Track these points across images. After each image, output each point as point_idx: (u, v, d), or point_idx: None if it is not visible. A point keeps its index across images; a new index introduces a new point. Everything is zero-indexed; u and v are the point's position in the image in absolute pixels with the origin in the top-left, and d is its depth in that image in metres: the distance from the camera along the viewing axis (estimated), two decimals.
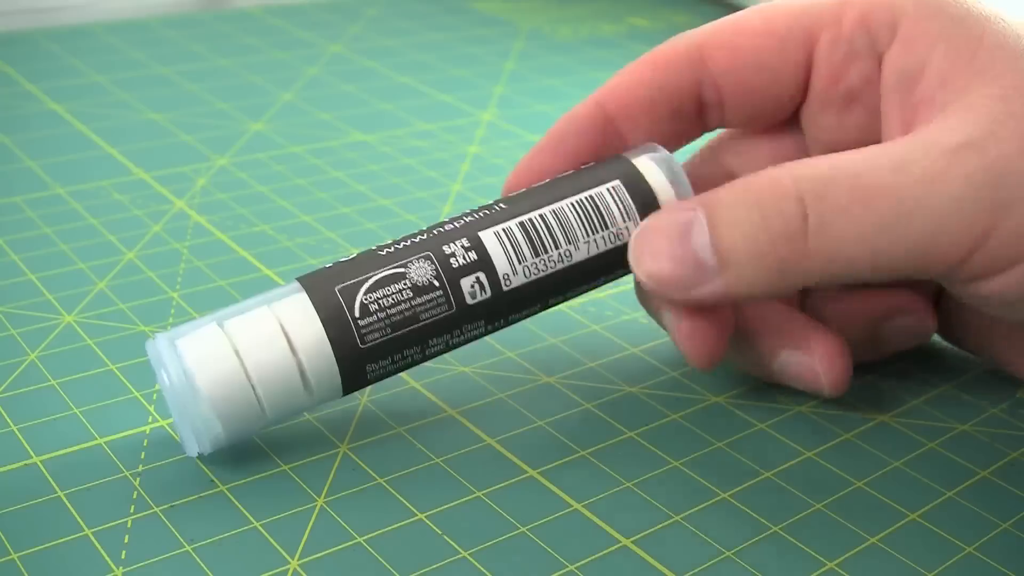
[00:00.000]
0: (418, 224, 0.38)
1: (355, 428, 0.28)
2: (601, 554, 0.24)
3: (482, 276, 0.26)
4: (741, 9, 0.31)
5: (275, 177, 0.41)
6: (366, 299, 0.25)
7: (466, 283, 0.26)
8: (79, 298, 0.32)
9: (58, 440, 0.27)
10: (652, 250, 0.26)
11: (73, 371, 0.29)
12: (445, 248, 0.26)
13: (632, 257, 0.26)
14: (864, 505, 0.26)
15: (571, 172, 0.28)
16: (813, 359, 0.28)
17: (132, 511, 0.25)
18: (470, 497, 0.26)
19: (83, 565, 0.23)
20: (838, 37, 0.27)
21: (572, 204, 0.27)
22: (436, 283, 0.26)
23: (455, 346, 0.27)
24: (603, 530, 0.25)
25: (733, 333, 0.29)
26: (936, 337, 0.32)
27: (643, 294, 0.30)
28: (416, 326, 0.26)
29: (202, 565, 0.23)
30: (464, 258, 0.26)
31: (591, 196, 0.27)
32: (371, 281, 0.25)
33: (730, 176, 0.30)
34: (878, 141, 0.28)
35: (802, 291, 0.30)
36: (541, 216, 0.27)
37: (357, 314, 0.25)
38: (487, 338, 0.32)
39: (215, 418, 0.25)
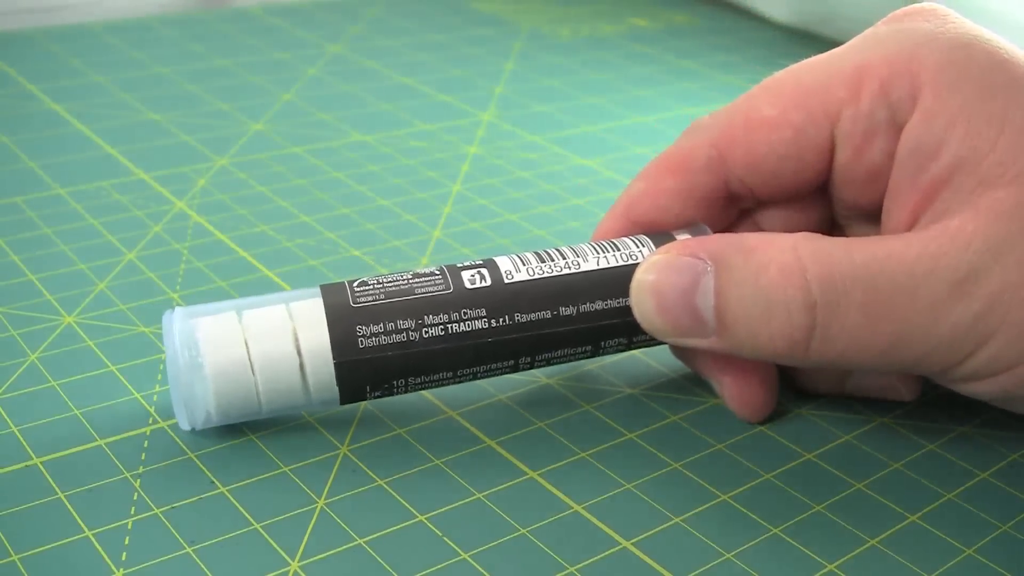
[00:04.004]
0: (417, 224, 0.38)
1: (355, 430, 0.28)
2: (601, 556, 0.24)
3: (484, 271, 0.27)
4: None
5: (275, 177, 0.41)
6: (367, 278, 0.27)
7: (467, 273, 0.27)
8: (79, 299, 0.32)
9: (58, 441, 0.27)
10: (654, 292, 0.26)
11: (73, 372, 0.29)
12: (456, 263, 0.27)
13: (633, 294, 0.26)
14: (864, 507, 0.26)
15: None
16: (891, 375, 0.29)
17: (133, 512, 0.25)
18: (470, 499, 0.26)
19: (84, 566, 0.23)
20: (857, 114, 0.26)
21: (589, 243, 0.28)
22: (436, 272, 0.27)
23: (456, 337, 0.26)
24: (603, 532, 0.25)
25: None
26: None
27: (681, 354, 0.30)
28: (410, 297, 0.26)
29: (202, 566, 0.23)
30: (471, 262, 0.27)
31: (612, 241, 0.28)
32: (379, 274, 0.26)
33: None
34: None
35: None
36: (557, 248, 0.28)
37: (356, 286, 0.26)
38: None
39: (212, 399, 0.26)
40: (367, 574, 0.23)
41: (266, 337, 0.26)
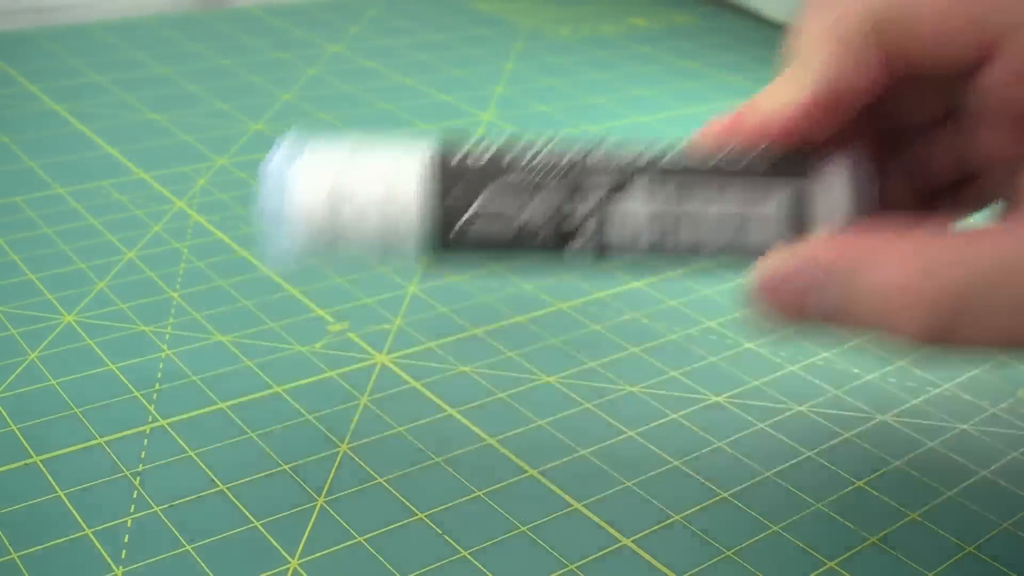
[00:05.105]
0: None
1: (355, 428, 0.28)
2: (601, 553, 0.24)
3: (589, 245, 0.25)
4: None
5: None
6: (478, 209, 0.25)
7: (572, 245, 0.25)
8: (79, 298, 0.32)
9: (58, 440, 0.27)
10: (770, 287, 0.24)
11: (73, 371, 0.29)
12: (577, 195, 0.25)
13: (751, 286, 0.24)
14: (864, 504, 0.26)
15: (755, 157, 0.25)
16: None
17: (132, 511, 0.25)
18: (470, 496, 0.26)
19: (83, 564, 0.23)
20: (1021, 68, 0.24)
21: (721, 215, 0.25)
22: (540, 233, 0.25)
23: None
24: (603, 529, 0.25)
25: None
26: None
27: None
28: (505, 252, 0.25)
29: (202, 564, 0.23)
30: (585, 217, 0.25)
31: (743, 215, 0.25)
32: (488, 192, 0.25)
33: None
34: None
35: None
36: (687, 213, 0.25)
37: (456, 230, 0.25)
38: (486, 338, 0.32)
39: (294, 230, 0.25)
40: (367, 572, 0.23)
41: (362, 184, 0.25)
